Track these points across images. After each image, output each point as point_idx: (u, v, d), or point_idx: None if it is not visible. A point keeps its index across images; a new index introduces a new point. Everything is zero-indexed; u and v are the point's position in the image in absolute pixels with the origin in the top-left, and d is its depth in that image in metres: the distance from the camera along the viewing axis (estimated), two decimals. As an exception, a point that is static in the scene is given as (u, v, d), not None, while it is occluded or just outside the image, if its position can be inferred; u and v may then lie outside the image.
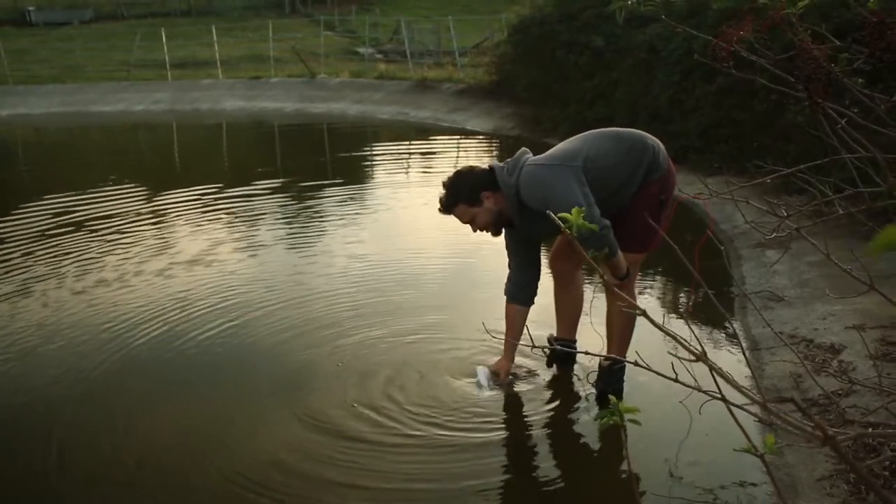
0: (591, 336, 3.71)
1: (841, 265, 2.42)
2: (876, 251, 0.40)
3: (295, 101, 17.54)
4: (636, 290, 3.70)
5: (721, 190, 3.03)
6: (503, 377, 3.55)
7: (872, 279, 2.11)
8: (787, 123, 6.86)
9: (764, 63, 2.40)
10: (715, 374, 1.14)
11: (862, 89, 2.47)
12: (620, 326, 3.44)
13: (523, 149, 3.32)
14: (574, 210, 1.17)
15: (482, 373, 3.58)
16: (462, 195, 3.25)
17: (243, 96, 18.40)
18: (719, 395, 1.12)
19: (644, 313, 1.14)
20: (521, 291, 3.50)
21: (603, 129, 3.33)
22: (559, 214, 1.17)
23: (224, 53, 21.85)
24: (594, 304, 3.82)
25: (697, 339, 1.38)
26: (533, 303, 3.55)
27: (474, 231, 3.35)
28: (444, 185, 3.30)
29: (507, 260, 3.55)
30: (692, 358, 1.03)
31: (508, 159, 3.29)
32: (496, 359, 3.66)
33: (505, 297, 3.55)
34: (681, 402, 2.76)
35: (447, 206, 3.29)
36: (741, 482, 2.79)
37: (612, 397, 1.18)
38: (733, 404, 1.31)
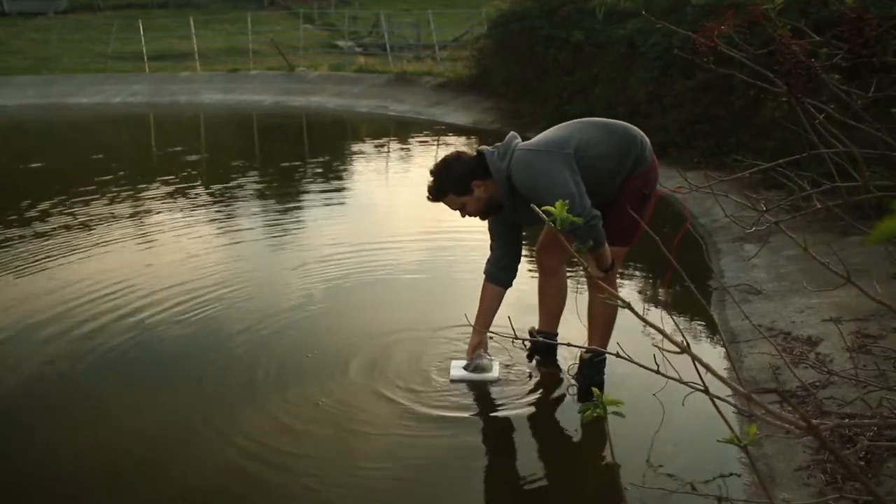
0: (573, 329, 3.73)
1: (818, 259, 2.45)
2: (872, 242, 0.40)
3: (274, 94, 17.41)
4: (618, 283, 3.73)
5: (700, 184, 3.06)
6: (469, 354, 3.53)
7: (849, 272, 2.14)
8: (764, 119, 6.93)
9: (743, 59, 2.42)
10: (698, 366, 1.15)
11: (839, 85, 2.50)
12: (602, 319, 3.46)
13: (512, 133, 3.29)
14: (558, 203, 1.17)
15: (455, 366, 3.60)
16: (451, 186, 3.19)
17: (222, 89, 18.25)
18: (703, 388, 1.13)
19: (629, 306, 1.14)
20: (501, 272, 3.47)
21: (592, 119, 3.31)
22: (543, 207, 1.17)
23: (202, 46, 21.66)
24: (577, 297, 3.85)
25: (681, 332, 1.39)
26: (511, 285, 3.53)
27: (463, 216, 3.32)
28: (432, 173, 3.23)
29: (485, 250, 3.55)
30: (677, 350, 1.05)
31: (498, 144, 3.24)
32: (467, 360, 3.68)
33: (483, 277, 3.51)
34: (654, 394, 2.79)
35: (436, 196, 3.24)
36: (720, 473, 2.82)
37: (595, 390, 1.19)
38: (716, 396, 1.33)
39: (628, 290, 4.81)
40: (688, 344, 1.19)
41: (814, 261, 2.40)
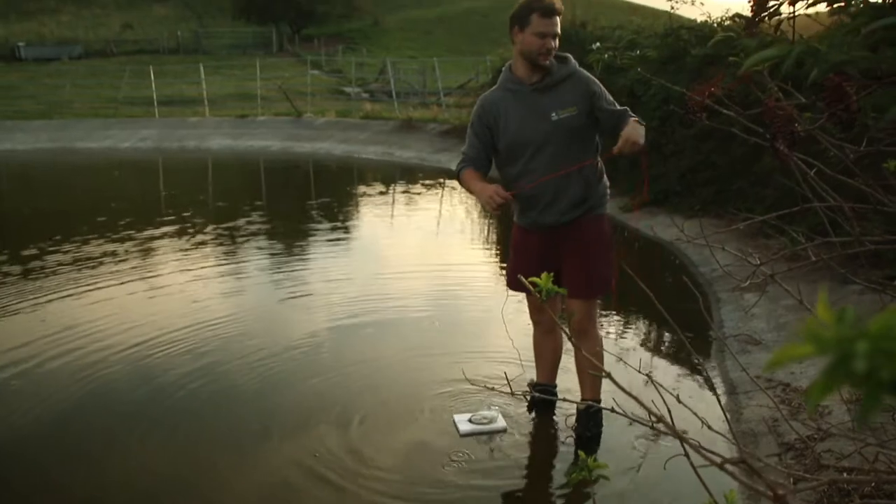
0: (573, 379, 3.75)
1: (814, 312, 2.47)
2: (771, 368, 0.45)
3: (281, 139, 17.65)
4: (617, 330, 3.76)
5: (698, 234, 3.11)
6: (494, 198, 3.18)
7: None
8: (764, 168, 7.01)
9: (734, 116, 2.49)
10: (693, 415, 1.18)
11: (832, 138, 2.56)
12: (591, 368, 3.49)
13: None
14: (544, 275, 1.23)
15: (461, 420, 3.60)
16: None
17: (230, 134, 18.50)
18: (685, 452, 1.16)
19: (609, 375, 1.18)
20: (477, 162, 3.39)
21: None
22: (530, 279, 1.23)
23: (211, 91, 22.03)
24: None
25: (663, 396, 1.42)
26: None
27: (549, 48, 3.21)
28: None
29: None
30: (655, 420, 1.08)
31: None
32: (470, 412, 3.68)
33: (459, 170, 3.42)
34: (638, 452, 2.79)
35: (559, 8, 3.22)
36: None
37: (580, 452, 1.22)
38: (704, 449, 1.35)
39: (629, 339, 4.83)
40: (670, 411, 1.23)
41: (811, 311, 2.43)
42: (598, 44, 3.02)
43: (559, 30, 3.22)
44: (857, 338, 0.41)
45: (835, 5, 1.26)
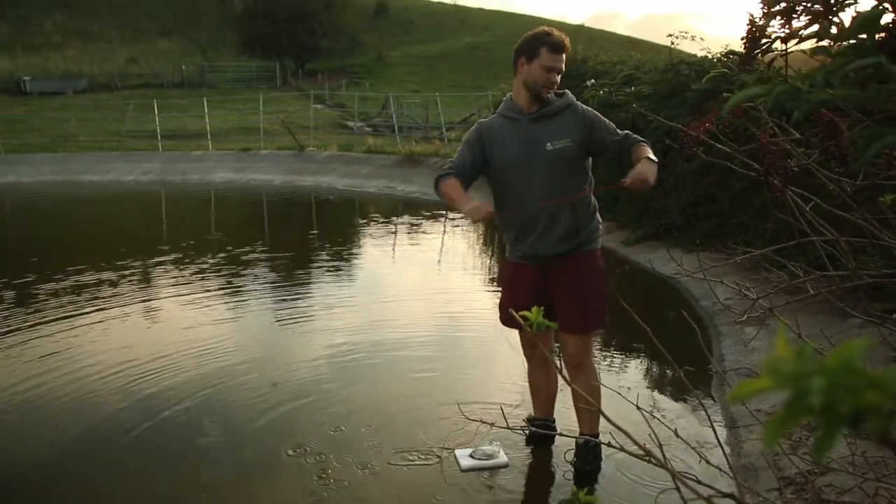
0: (571, 412, 3.74)
1: (813, 346, 2.48)
2: (733, 401, 0.46)
3: (284, 173, 17.74)
4: (617, 366, 3.75)
5: (697, 268, 3.12)
6: (480, 213, 3.08)
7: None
8: (764, 201, 7.04)
9: (729, 151, 2.52)
10: (690, 448, 1.18)
11: (830, 172, 2.59)
12: (585, 403, 3.48)
13: None
14: (534, 309, 1.25)
15: (462, 455, 3.59)
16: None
17: (232, 168, 18.61)
18: (676, 486, 1.17)
19: (599, 409, 1.19)
20: (463, 172, 3.29)
21: None
22: (521, 313, 1.25)
23: (214, 125, 22.19)
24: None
25: (654, 429, 1.43)
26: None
27: (553, 82, 3.28)
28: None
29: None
30: (645, 454, 1.09)
31: None
32: (471, 447, 3.65)
33: (441, 178, 3.27)
34: (637, 486, 2.78)
35: (566, 49, 3.29)
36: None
37: (573, 487, 1.22)
38: (696, 483, 1.36)
39: (629, 373, 4.82)
40: (661, 444, 1.23)
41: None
42: (592, 80, 3.07)
43: (564, 67, 3.29)
44: (814, 373, 0.42)
45: (820, 44, 1.29)
